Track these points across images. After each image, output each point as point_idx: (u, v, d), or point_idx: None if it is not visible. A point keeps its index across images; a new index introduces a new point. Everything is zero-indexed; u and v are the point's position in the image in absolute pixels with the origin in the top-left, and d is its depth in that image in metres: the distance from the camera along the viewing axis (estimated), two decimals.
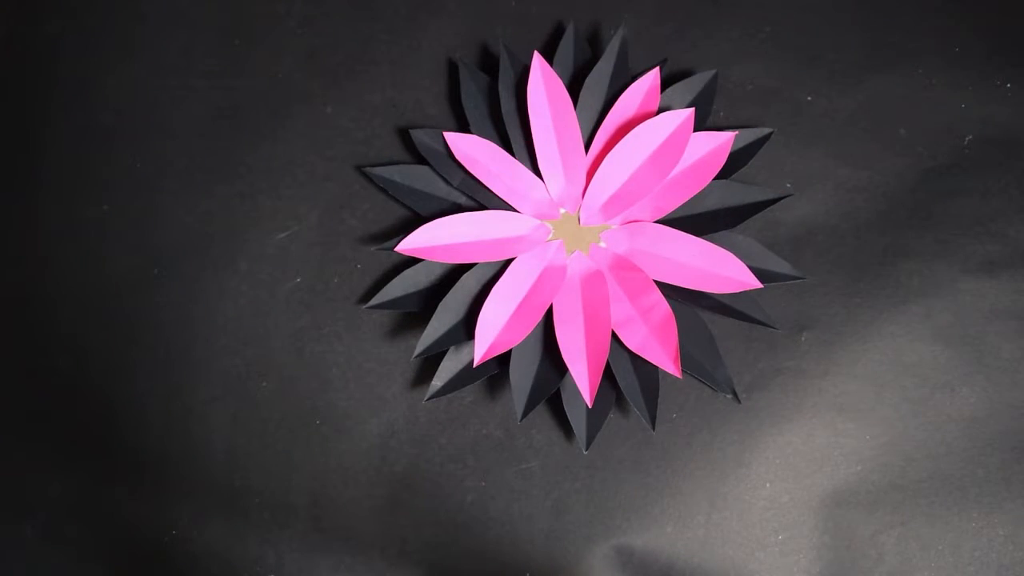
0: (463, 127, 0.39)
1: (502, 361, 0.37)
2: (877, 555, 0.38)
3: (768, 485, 0.38)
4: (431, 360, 0.38)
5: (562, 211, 0.38)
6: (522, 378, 0.36)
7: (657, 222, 0.37)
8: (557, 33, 0.40)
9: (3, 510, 0.40)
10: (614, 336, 0.36)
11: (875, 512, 0.38)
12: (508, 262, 0.37)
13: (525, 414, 0.36)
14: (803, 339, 0.38)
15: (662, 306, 0.36)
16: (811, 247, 0.39)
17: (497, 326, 0.36)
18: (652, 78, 0.37)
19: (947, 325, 0.38)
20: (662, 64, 0.38)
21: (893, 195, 0.39)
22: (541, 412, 0.38)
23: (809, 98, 0.39)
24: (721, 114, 0.39)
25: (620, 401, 0.38)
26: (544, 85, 0.37)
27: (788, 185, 0.39)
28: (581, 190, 0.38)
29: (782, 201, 0.37)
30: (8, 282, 0.40)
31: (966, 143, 0.39)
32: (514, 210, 0.38)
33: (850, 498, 0.38)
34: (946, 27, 0.39)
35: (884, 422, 0.38)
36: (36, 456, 0.40)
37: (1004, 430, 0.38)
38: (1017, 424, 0.38)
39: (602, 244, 0.37)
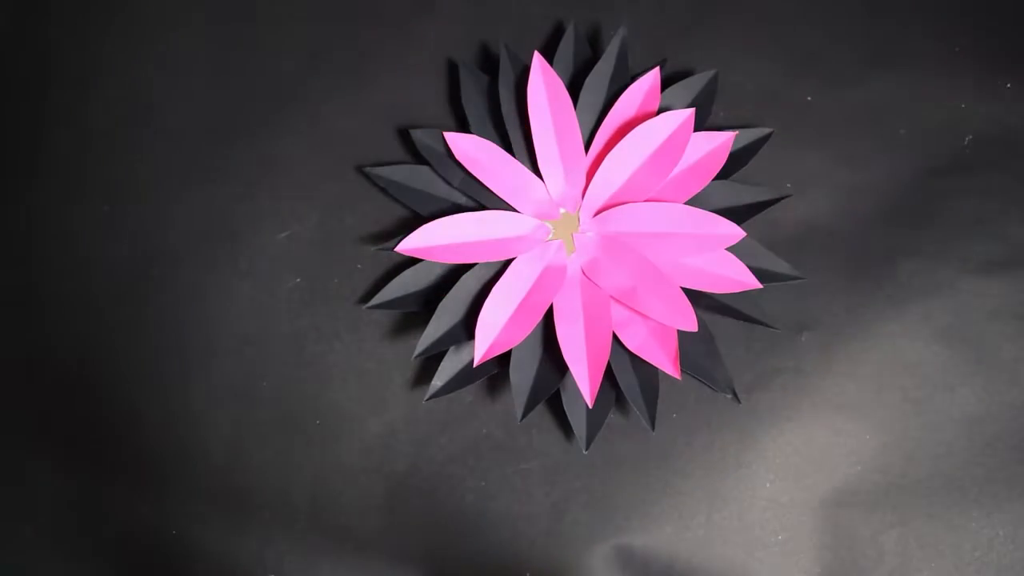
0: (463, 127, 0.39)
1: (502, 361, 0.37)
2: (877, 555, 0.38)
3: (768, 485, 0.38)
4: (431, 360, 0.38)
5: (562, 211, 0.38)
6: (522, 378, 0.36)
7: None
8: (557, 33, 0.40)
9: (3, 510, 0.40)
10: (614, 336, 0.36)
11: (875, 512, 0.38)
12: (508, 262, 0.37)
13: (525, 414, 0.36)
14: (803, 339, 0.38)
15: None
16: (811, 247, 0.39)
17: (497, 326, 0.36)
18: (652, 78, 0.37)
19: (947, 325, 0.38)
20: (662, 64, 0.38)
21: (893, 195, 0.39)
22: (541, 412, 0.38)
23: (809, 98, 0.39)
24: (721, 114, 0.39)
25: (620, 401, 0.38)
26: (544, 85, 0.37)
27: (788, 185, 0.39)
28: (581, 190, 0.38)
29: (782, 201, 0.37)
30: (8, 282, 0.40)
31: (966, 143, 0.39)
32: (514, 210, 0.38)
33: (850, 498, 0.38)
34: (946, 27, 0.39)
35: (884, 422, 0.38)
36: (36, 456, 0.40)
37: (1004, 430, 0.38)
38: (1017, 424, 0.38)
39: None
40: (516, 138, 0.38)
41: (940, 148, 0.39)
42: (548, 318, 0.37)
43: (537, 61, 0.37)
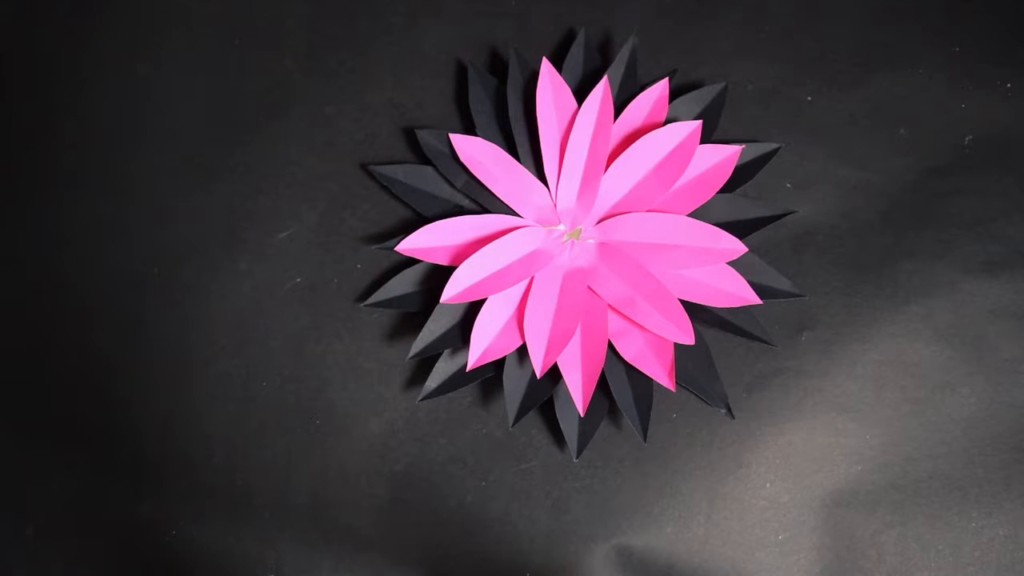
0: (466, 128, 0.39)
1: (497, 364, 0.37)
2: (877, 555, 0.38)
3: (768, 485, 0.38)
4: (430, 360, 0.38)
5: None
6: (515, 385, 0.36)
7: None
8: (568, 38, 0.40)
9: (3, 510, 0.40)
10: (610, 346, 0.36)
11: (875, 512, 0.38)
12: None
13: (516, 420, 0.36)
14: (803, 339, 0.38)
15: None
16: (811, 247, 0.39)
17: (492, 332, 0.36)
18: (661, 88, 0.37)
19: (947, 325, 0.38)
20: (671, 75, 0.38)
21: (893, 195, 0.39)
22: (540, 412, 0.38)
23: (809, 98, 0.39)
24: (722, 115, 0.39)
25: (613, 410, 0.38)
26: (552, 92, 0.37)
27: (788, 185, 0.39)
28: (585, 198, 0.37)
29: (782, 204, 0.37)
30: (8, 282, 0.40)
31: (966, 143, 0.39)
32: (516, 215, 0.38)
33: (850, 498, 0.38)
34: (946, 27, 0.39)
35: (884, 422, 0.38)
36: (36, 456, 0.40)
37: (1004, 430, 0.38)
38: (1017, 424, 0.38)
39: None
40: (522, 142, 0.38)
41: (940, 148, 0.39)
42: None
43: (545, 68, 0.36)
